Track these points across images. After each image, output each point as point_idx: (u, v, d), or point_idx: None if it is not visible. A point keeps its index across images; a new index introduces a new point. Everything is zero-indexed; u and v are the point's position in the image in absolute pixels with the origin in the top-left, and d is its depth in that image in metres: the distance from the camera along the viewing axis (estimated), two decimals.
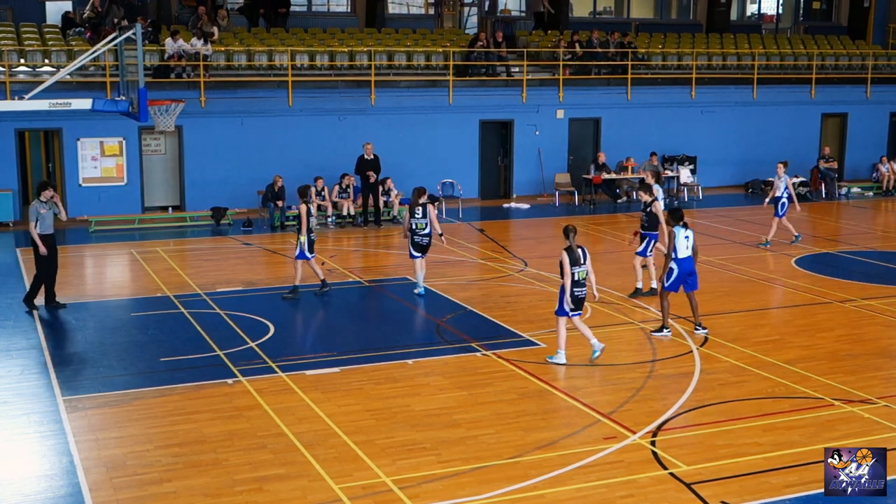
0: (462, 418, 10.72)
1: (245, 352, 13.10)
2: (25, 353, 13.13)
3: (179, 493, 8.89)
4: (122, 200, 23.68)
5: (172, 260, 19.38)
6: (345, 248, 20.87)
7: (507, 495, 8.84)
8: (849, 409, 11.02)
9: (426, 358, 12.84)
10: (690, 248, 13.57)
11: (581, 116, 28.06)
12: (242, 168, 24.25)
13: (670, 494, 8.88)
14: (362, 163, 23.23)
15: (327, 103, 25.19)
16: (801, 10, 37.26)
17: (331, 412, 10.86)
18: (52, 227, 15.42)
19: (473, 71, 27.32)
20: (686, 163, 28.21)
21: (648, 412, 10.86)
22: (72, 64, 17.32)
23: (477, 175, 27.13)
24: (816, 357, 12.98)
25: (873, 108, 31.53)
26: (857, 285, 17.03)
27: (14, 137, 22.97)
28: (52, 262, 15.45)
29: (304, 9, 30.47)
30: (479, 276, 17.97)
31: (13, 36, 24.42)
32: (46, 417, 10.79)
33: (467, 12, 32.90)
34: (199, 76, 23.93)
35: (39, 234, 15.12)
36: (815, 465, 9.15)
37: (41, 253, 15.19)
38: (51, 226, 15.37)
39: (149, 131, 23.48)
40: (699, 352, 13.10)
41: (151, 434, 10.27)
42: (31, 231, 15.24)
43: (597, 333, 13.80)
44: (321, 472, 9.30)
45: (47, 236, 15.28)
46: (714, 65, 30.46)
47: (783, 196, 20.12)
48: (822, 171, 28.52)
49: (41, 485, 9.11)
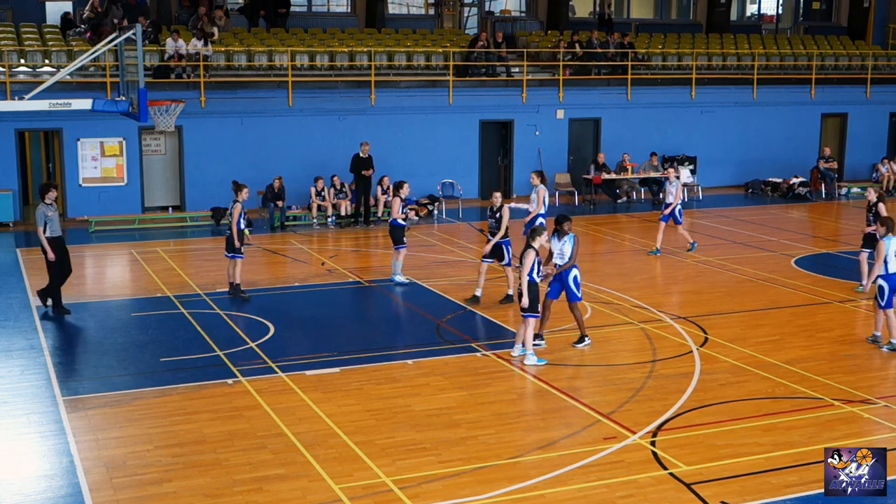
0: (462, 418, 10.72)
1: (245, 352, 13.10)
2: (25, 353, 13.12)
3: (179, 494, 8.88)
4: (122, 200, 23.68)
5: (172, 260, 19.38)
6: (344, 248, 20.87)
7: (507, 495, 8.84)
8: (849, 409, 11.02)
9: (426, 358, 12.84)
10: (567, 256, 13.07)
11: (581, 116, 28.06)
12: (242, 168, 24.20)
13: (670, 494, 8.88)
14: (357, 161, 23.27)
15: (327, 103, 25.19)
16: (801, 11, 37.26)
17: (331, 412, 10.86)
18: (60, 230, 15.20)
19: (473, 71, 27.32)
20: (686, 163, 28.20)
21: (648, 412, 10.86)
22: (72, 64, 17.32)
23: (477, 175, 27.13)
24: (816, 357, 12.98)
25: (873, 109, 31.53)
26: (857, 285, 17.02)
27: (14, 137, 22.97)
28: (64, 265, 15.16)
29: (304, 9, 30.47)
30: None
31: (13, 36, 24.42)
32: (46, 417, 10.79)
33: (467, 12, 32.89)
34: (199, 76, 23.94)
35: (48, 238, 14.82)
36: (816, 466, 9.15)
37: (49, 258, 14.83)
38: (59, 228, 15.15)
39: (149, 131, 23.49)
40: (699, 352, 13.10)
41: (151, 434, 10.27)
42: (39, 236, 14.89)
43: (597, 333, 13.82)
44: (321, 472, 9.30)
45: (56, 239, 14.98)
46: (714, 65, 30.46)
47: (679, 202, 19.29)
48: (822, 172, 28.51)
49: (41, 485, 9.11)
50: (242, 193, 15.91)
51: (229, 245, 15.88)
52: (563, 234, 13.16)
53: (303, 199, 24.10)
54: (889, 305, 13.10)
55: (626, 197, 27.34)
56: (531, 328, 12.58)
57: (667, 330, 14.18)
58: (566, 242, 13.12)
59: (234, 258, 15.90)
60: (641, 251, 20.24)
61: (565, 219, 13.30)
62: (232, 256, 15.92)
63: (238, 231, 15.71)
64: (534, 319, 12.54)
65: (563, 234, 13.16)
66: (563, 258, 13.09)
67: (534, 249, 12.45)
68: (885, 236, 13.06)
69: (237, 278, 16.00)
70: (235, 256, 15.88)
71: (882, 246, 12.99)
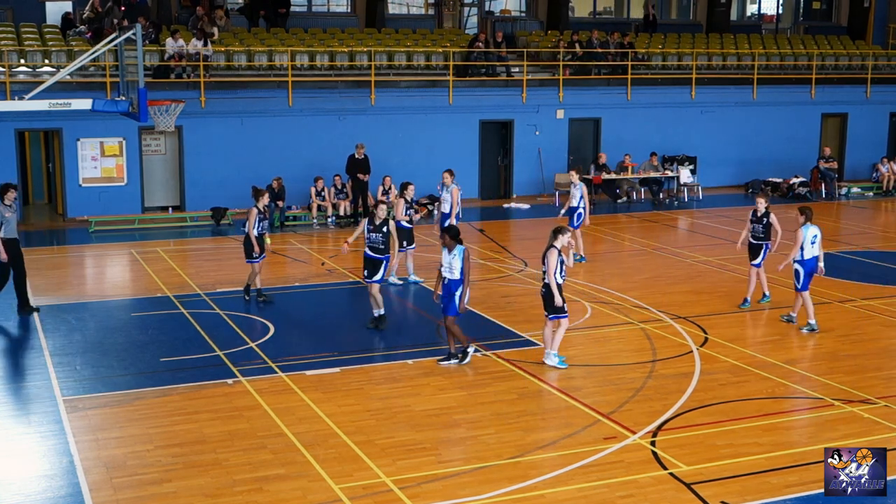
0: (462, 418, 10.72)
1: (245, 352, 13.10)
2: (25, 353, 13.13)
3: (179, 494, 8.88)
4: (122, 200, 23.68)
5: (172, 260, 19.38)
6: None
7: (507, 495, 8.84)
8: (849, 409, 11.02)
9: (426, 358, 12.84)
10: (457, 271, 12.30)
11: (581, 116, 28.06)
12: (242, 168, 24.23)
13: (670, 494, 8.88)
14: (353, 162, 23.27)
15: (327, 103, 25.19)
16: (801, 10, 37.26)
17: (331, 412, 10.86)
18: (16, 231, 14.82)
19: (473, 71, 27.32)
20: (686, 163, 28.20)
21: (648, 412, 10.86)
22: (72, 64, 17.33)
23: (477, 175, 27.13)
24: (816, 357, 12.99)
25: (873, 109, 31.53)
26: (857, 285, 17.05)
27: (14, 137, 22.97)
28: (17, 267, 14.81)
29: (304, 9, 30.47)
30: (479, 276, 17.95)
31: (13, 36, 24.42)
32: (46, 417, 10.78)
33: (467, 12, 32.90)
34: (199, 76, 23.93)
35: (3, 239, 14.49)
36: (816, 466, 9.15)
37: (2, 259, 14.50)
38: (15, 230, 14.77)
39: (149, 131, 23.49)
40: (699, 352, 13.10)
41: (151, 434, 10.27)
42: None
43: (597, 333, 13.83)
44: (321, 472, 9.30)
45: (11, 241, 14.65)
46: (714, 65, 30.46)
47: (579, 206, 18.54)
48: (823, 172, 28.52)
49: (41, 485, 9.11)
50: (262, 200, 15.57)
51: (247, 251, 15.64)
52: (452, 246, 12.27)
53: (303, 199, 24.10)
54: (805, 288, 14.08)
55: (626, 197, 27.34)
56: (562, 329, 12.40)
57: (667, 330, 14.18)
58: (455, 256, 12.24)
59: (252, 263, 15.69)
60: (642, 251, 20.26)
61: (455, 231, 12.38)
62: (250, 262, 15.70)
63: (256, 237, 15.48)
64: (564, 320, 12.33)
65: (451, 248, 12.26)
66: (453, 273, 12.27)
67: (557, 249, 12.19)
68: (804, 225, 14.00)
69: (257, 282, 15.83)
70: (253, 262, 15.66)
71: (800, 233, 13.98)
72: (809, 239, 14.02)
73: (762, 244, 15.40)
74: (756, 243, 15.44)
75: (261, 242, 15.59)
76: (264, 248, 15.70)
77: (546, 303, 12.33)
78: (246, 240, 15.64)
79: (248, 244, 15.61)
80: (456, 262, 12.26)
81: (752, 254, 15.53)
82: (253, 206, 15.56)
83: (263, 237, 15.67)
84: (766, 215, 15.32)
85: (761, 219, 15.34)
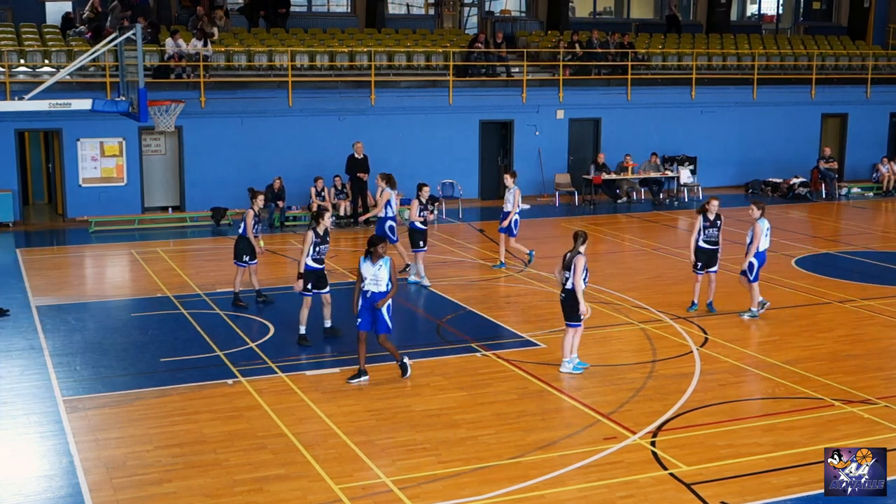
0: (462, 419, 10.72)
1: (245, 352, 13.10)
2: (25, 353, 13.12)
3: (179, 494, 8.88)
4: (122, 201, 23.68)
5: (172, 260, 19.37)
6: (343, 248, 20.86)
7: (507, 496, 8.84)
8: (849, 409, 11.02)
9: (426, 358, 12.84)
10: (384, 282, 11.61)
11: (581, 117, 28.06)
12: (242, 168, 24.23)
13: (670, 495, 8.88)
14: (353, 162, 23.27)
15: (327, 103, 25.19)
16: (801, 11, 37.26)
17: (331, 412, 10.86)
18: None
19: (473, 71, 27.32)
20: (686, 163, 28.20)
21: (648, 412, 10.86)
22: (72, 64, 17.32)
23: (477, 175, 27.13)
24: (816, 357, 12.98)
25: (873, 109, 31.53)
26: (857, 285, 17.04)
27: (14, 137, 22.96)
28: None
29: (304, 9, 30.48)
30: (479, 276, 17.97)
31: (13, 36, 24.42)
32: (46, 417, 10.78)
33: (467, 12, 32.91)
34: (199, 76, 23.93)
35: None
36: (816, 466, 9.15)
37: None
38: None
39: (149, 131, 23.48)
40: (699, 352, 13.10)
41: (151, 434, 10.27)
42: None
43: (597, 333, 13.83)
44: (321, 472, 9.30)
45: None
46: (714, 65, 30.45)
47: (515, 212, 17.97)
48: (823, 172, 28.52)
49: (41, 485, 9.11)
50: (257, 201, 15.47)
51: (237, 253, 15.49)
52: (378, 256, 11.52)
53: (303, 199, 24.10)
54: (756, 279, 14.67)
55: (626, 197, 27.34)
56: (579, 335, 12.25)
57: (667, 330, 14.18)
58: (381, 267, 11.54)
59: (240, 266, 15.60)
60: (642, 251, 20.25)
61: (379, 240, 11.62)
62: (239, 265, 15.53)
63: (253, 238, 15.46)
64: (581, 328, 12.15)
65: (377, 258, 11.53)
66: (379, 285, 11.57)
67: (583, 255, 11.93)
68: (759, 218, 14.49)
69: (255, 283, 15.85)
70: (241, 265, 15.56)
71: (759, 226, 14.46)
72: (765, 231, 14.51)
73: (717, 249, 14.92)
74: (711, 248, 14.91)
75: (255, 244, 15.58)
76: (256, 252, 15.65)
77: (567, 309, 12.05)
78: (239, 241, 15.53)
79: (240, 246, 15.50)
80: (383, 273, 11.54)
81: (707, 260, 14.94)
82: (249, 208, 15.52)
83: (258, 240, 15.65)
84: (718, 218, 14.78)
85: (714, 222, 14.77)
